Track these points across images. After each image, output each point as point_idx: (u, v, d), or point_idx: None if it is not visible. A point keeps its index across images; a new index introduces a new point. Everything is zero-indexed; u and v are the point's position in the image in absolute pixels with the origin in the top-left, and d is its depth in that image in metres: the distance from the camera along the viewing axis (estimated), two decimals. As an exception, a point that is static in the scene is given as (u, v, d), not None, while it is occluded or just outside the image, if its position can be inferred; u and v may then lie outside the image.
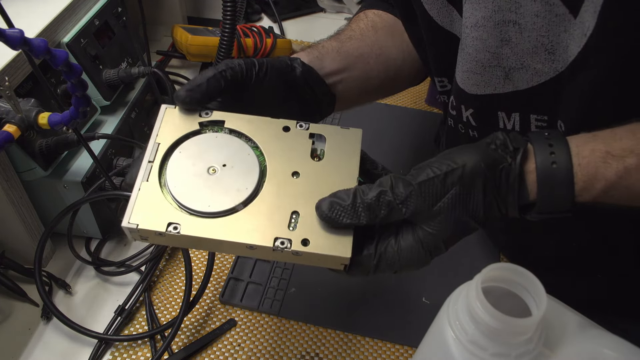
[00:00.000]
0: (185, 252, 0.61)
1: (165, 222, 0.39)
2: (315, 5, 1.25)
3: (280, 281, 0.67)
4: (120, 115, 0.73)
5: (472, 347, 0.35)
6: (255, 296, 0.65)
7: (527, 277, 0.35)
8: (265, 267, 0.68)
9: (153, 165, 0.42)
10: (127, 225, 0.39)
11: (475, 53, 0.50)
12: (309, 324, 0.63)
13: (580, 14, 0.42)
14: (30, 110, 0.54)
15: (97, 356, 0.59)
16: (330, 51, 0.58)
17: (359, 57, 0.60)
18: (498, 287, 0.36)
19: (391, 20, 0.65)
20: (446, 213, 0.38)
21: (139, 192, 0.41)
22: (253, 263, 0.69)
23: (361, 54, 0.60)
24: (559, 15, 0.43)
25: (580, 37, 0.42)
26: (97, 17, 0.70)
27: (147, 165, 0.42)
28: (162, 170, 0.42)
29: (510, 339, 0.34)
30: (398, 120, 0.91)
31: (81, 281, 0.67)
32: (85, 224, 0.69)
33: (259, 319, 0.63)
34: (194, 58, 0.96)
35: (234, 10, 0.79)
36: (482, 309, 0.33)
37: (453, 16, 0.53)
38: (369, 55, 0.61)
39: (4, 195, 0.58)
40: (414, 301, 0.65)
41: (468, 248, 0.72)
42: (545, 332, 0.36)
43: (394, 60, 0.63)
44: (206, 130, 0.45)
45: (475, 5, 0.47)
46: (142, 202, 0.40)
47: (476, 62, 0.50)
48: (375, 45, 0.62)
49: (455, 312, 0.36)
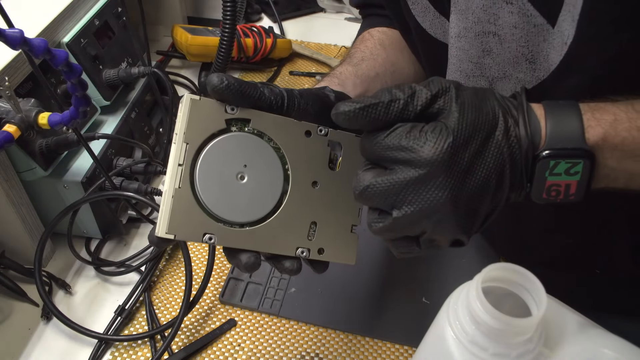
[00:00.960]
0: (185, 252, 0.61)
1: (201, 232, 0.39)
2: (315, 5, 1.25)
3: (280, 281, 0.67)
4: (120, 115, 0.73)
5: (472, 347, 0.35)
6: (255, 296, 0.65)
7: (527, 277, 0.35)
8: (265, 267, 0.68)
9: (183, 169, 0.39)
10: (164, 236, 0.38)
11: (459, 63, 0.50)
12: (309, 324, 0.63)
13: (559, 23, 0.42)
14: (30, 110, 0.54)
15: (97, 356, 0.59)
16: (349, 76, 0.58)
17: (376, 77, 0.60)
18: (498, 287, 0.36)
19: (396, 36, 0.65)
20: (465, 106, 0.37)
21: (173, 200, 0.38)
22: None
23: (377, 73, 0.60)
24: (537, 26, 0.43)
25: (560, 45, 0.42)
26: (97, 17, 0.70)
27: (178, 169, 0.39)
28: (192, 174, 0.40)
29: (510, 339, 0.34)
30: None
31: (81, 281, 0.67)
32: (85, 224, 0.69)
33: (259, 319, 0.63)
34: (194, 58, 0.96)
35: (234, 10, 0.79)
36: (482, 309, 0.33)
37: (445, 27, 0.53)
38: (385, 73, 0.61)
39: (4, 195, 0.58)
40: (414, 301, 0.65)
41: (468, 248, 0.72)
42: (545, 332, 0.36)
43: (407, 74, 0.64)
44: (232, 129, 0.41)
45: (458, 16, 0.48)
46: (176, 210, 0.39)
47: (460, 72, 0.51)
48: (387, 62, 0.62)
49: (455, 312, 0.36)
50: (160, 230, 0.38)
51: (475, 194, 0.36)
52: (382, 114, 0.36)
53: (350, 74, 0.58)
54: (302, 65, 1.07)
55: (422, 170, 0.35)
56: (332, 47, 1.11)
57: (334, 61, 1.05)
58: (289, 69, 1.05)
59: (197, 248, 0.71)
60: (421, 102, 0.36)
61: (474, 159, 0.36)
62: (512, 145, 0.36)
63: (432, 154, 0.34)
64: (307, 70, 1.05)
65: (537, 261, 0.63)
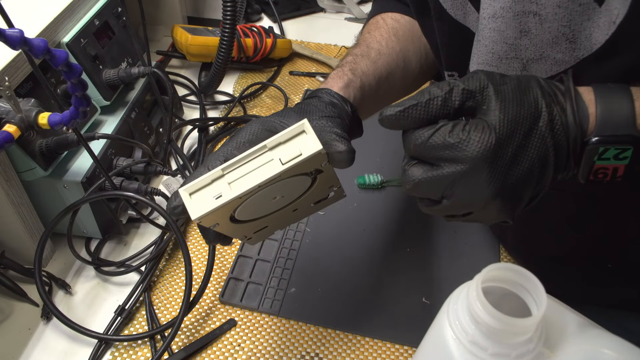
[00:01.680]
0: (185, 252, 0.61)
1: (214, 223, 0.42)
2: (315, 5, 1.25)
3: (280, 281, 0.67)
4: (120, 115, 0.73)
5: (472, 347, 0.35)
6: (255, 296, 0.65)
7: (527, 277, 0.35)
8: (265, 267, 0.68)
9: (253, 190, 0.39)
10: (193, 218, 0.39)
11: (492, 45, 0.49)
12: (309, 324, 0.63)
13: (607, 2, 0.41)
14: (30, 110, 0.54)
15: (97, 356, 0.59)
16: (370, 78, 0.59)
17: (388, 77, 0.61)
18: (498, 287, 0.36)
19: (408, 25, 0.65)
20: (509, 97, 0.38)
21: (219, 205, 0.39)
22: (253, 263, 0.69)
23: (390, 72, 0.61)
24: (582, 5, 0.43)
25: (607, 24, 0.42)
26: (97, 17, 0.70)
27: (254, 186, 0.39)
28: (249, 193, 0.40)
29: (510, 339, 0.34)
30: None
31: (81, 281, 0.67)
32: (85, 224, 0.69)
33: (258, 319, 0.63)
34: (194, 58, 0.96)
35: (234, 10, 0.79)
36: (482, 309, 0.33)
37: (467, 9, 0.53)
38: (396, 71, 0.62)
39: (4, 195, 0.58)
40: (414, 301, 0.65)
41: (468, 248, 0.72)
42: (545, 332, 0.36)
43: (414, 70, 0.65)
44: None
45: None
46: (215, 211, 0.39)
47: (492, 54, 0.50)
48: (400, 56, 0.63)
49: (456, 312, 0.36)
50: (194, 214, 0.39)
51: (519, 183, 0.38)
52: (423, 113, 0.39)
53: (370, 74, 0.60)
54: (302, 65, 1.07)
55: (468, 165, 0.37)
56: (332, 47, 1.11)
57: (334, 61, 1.05)
58: (289, 69, 1.05)
59: (197, 248, 0.71)
60: (459, 97, 0.38)
61: (517, 151, 0.37)
62: (557, 133, 0.37)
63: (477, 152, 0.37)
64: (307, 70, 1.05)
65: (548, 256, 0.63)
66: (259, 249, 0.70)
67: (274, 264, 0.69)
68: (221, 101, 0.95)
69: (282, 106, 0.94)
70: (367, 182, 0.78)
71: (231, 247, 0.71)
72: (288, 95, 0.96)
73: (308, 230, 0.73)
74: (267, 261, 0.69)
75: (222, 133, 0.89)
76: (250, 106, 0.96)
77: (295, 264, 0.69)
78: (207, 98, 0.96)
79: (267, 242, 0.71)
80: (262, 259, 0.69)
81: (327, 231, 0.73)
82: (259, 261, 0.69)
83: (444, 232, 0.74)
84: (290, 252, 0.70)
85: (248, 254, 0.70)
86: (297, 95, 0.98)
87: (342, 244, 0.72)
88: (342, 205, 0.76)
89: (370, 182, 0.78)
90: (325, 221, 0.74)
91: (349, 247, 0.71)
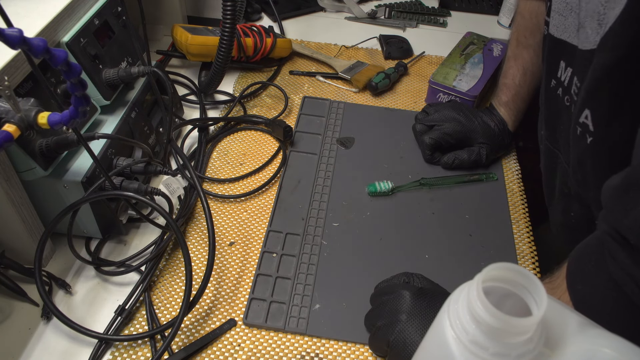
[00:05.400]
0: (185, 252, 0.61)
1: None
2: (315, 5, 1.25)
3: (304, 298, 0.65)
4: (120, 115, 0.73)
5: (472, 347, 0.35)
6: (279, 316, 0.63)
7: (527, 277, 0.35)
8: (286, 285, 0.67)
9: None
10: None
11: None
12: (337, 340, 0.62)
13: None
14: (30, 110, 0.54)
15: (97, 356, 0.59)
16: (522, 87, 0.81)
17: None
18: (498, 287, 0.36)
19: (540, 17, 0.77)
20: None
21: None
22: (273, 281, 0.67)
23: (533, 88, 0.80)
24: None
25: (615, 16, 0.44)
26: (97, 17, 0.70)
27: None
28: None
29: (510, 339, 0.34)
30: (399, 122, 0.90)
31: (81, 281, 0.67)
32: (85, 224, 0.69)
33: (259, 318, 0.63)
34: (194, 58, 0.96)
35: (234, 10, 0.79)
36: (483, 309, 0.33)
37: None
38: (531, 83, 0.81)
39: (4, 195, 0.58)
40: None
41: (468, 248, 0.72)
42: (545, 332, 0.36)
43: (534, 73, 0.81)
44: None
45: None
46: None
47: (565, 4, 0.54)
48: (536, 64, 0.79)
49: (456, 311, 0.36)
50: None
51: None
52: None
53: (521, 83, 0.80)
54: (302, 65, 1.07)
55: None
56: (332, 46, 1.11)
57: (334, 60, 1.05)
58: (289, 69, 1.05)
59: (197, 248, 0.71)
60: None
61: None
62: None
63: None
64: (307, 70, 1.05)
65: None
66: (277, 266, 0.69)
67: (294, 280, 0.67)
68: (221, 101, 0.95)
69: (282, 106, 0.94)
70: (378, 189, 0.78)
71: (248, 265, 0.71)
72: (288, 95, 0.96)
73: (325, 243, 0.72)
74: (288, 278, 0.67)
75: (222, 133, 0.89)
76: (250, 106, 0.96)
77: (316, 279, 0.67)
78: (207, 98, 0.96)
79: (284, 258, 0.70)
80: (281, 276, 0.68)
81: (344, 243, 0.72)
82: (279, 279, 0.67)
83: (458, 235, 0.74)
84: (309, 267, 0.69)
85: (267, 272, 0.68)
86: (297, 94, 0.98)
87: (361, 254, 0.71)
88: (356, 215, 0.76)
89: (381, 189, 0.78)
90: (340, 232, 0.73)
91: (367, 257, 0.70)
